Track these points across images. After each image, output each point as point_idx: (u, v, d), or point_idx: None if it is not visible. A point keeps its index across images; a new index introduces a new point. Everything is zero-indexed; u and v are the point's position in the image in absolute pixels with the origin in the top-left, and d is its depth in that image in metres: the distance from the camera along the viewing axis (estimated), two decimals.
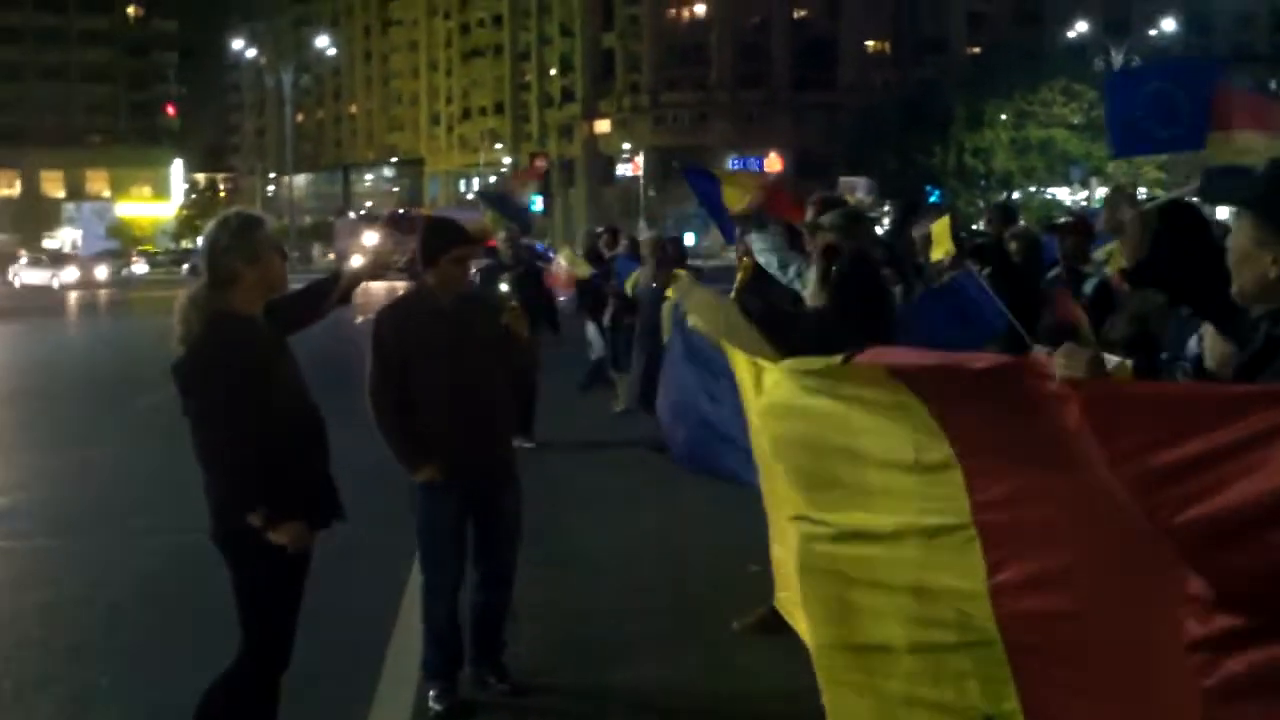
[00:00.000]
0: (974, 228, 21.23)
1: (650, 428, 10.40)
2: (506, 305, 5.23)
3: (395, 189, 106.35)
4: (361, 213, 76.62)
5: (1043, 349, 2.97)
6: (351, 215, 74.96)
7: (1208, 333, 3.20)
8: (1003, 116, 60.41)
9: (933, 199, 52.97)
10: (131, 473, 10.18)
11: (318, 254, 72.12)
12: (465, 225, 5.52)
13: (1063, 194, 59.88)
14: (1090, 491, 2.57)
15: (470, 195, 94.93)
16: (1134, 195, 3.74)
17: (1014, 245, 8.18)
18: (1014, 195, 58.20)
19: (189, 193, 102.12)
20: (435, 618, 4.97)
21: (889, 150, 61.71)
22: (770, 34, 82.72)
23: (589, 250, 14.84)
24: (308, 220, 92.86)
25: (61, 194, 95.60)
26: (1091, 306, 6.45)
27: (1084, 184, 57.51)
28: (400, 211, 62.65)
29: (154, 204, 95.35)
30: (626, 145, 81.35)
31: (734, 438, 6.24)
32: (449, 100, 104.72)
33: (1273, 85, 27.85)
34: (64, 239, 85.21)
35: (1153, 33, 61.19)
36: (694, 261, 14.59)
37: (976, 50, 77.53)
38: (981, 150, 60.94)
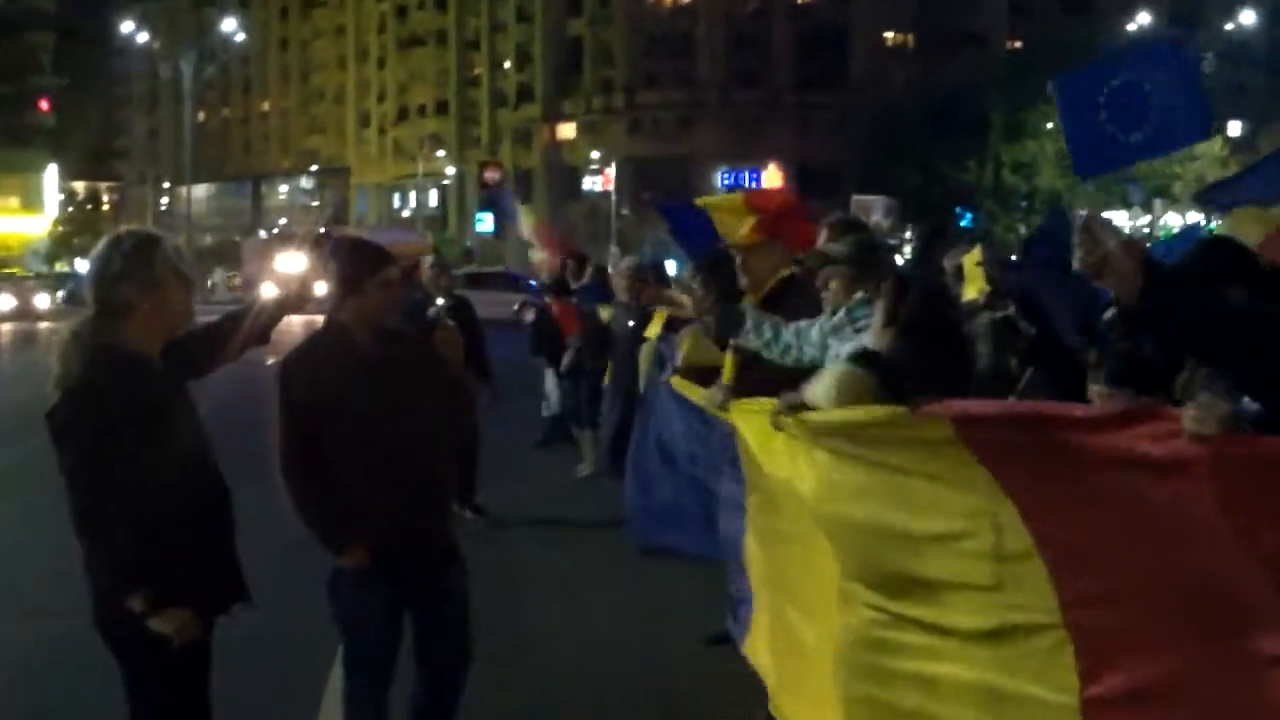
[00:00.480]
0: (1014, 259, 21.33)
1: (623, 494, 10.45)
2: (437, 320, 5.18)
3: (315, 204, 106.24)
4: (274, 231, 76.57)
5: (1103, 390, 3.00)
6: (262, 234, 74.90)
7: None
8: (1049, 125, 60.82)
9: (964, 223, 53.36)
10: None
11: (220, 280, 71.94)
12: (399, 247, 5.55)
13: (1120, 219, 60.30)
14: (1209, 578, 2.55)
15: (406, 213, 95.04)
16: (1108, 221, 3.47)
17: None
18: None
19: (65, 205, 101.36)
20: None
21: (912, 163, 62.06)
22: (769, 23, 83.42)
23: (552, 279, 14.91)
24: (209, 240, 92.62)
25: None
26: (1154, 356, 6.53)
27: (1146, 207, 57.90)
28: (324, 231, 62.63)
29: (23, 218, 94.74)
30: (595, 154, 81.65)
31: (707, 506, 6.31)
32: (381, 98, 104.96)
33: None
34: None
35: (1229, 26, 61.91)
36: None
37: (1018, 45, 78.32)
38: (1023, 165, 61.28)
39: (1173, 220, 52.24)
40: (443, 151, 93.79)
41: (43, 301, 51.30)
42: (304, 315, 5.31)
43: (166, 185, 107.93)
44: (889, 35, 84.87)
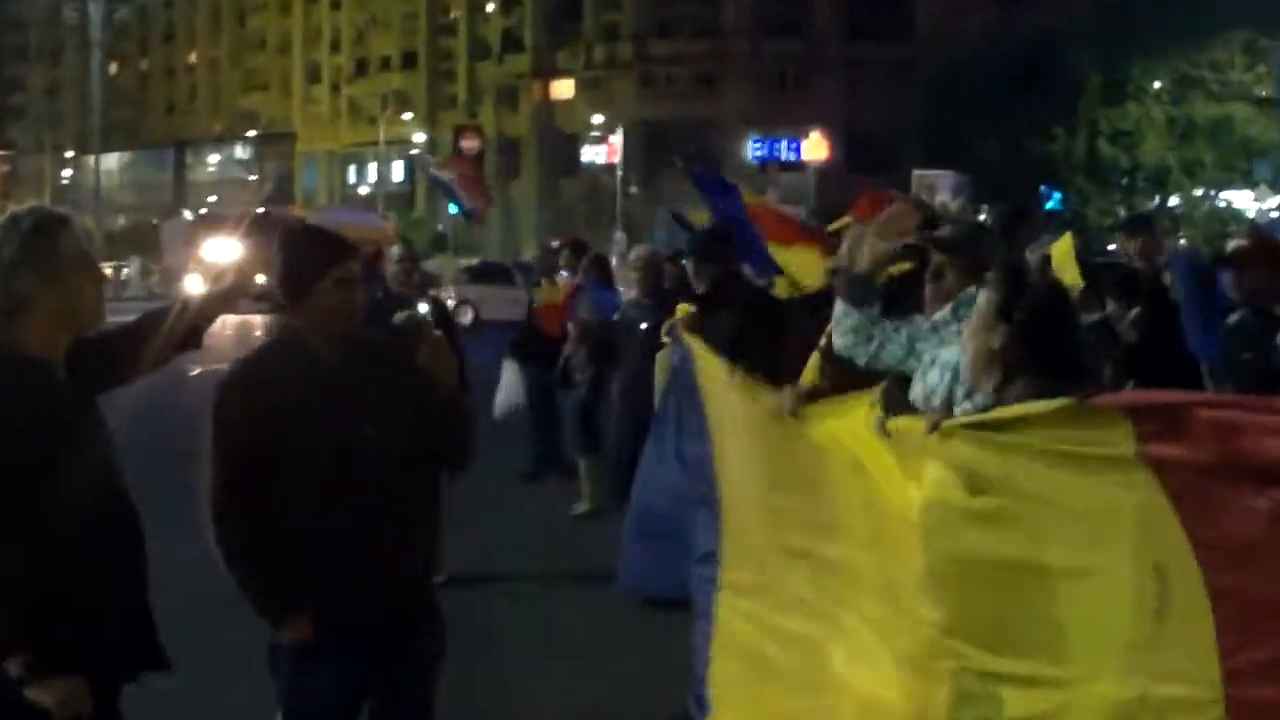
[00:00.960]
0: (1111, 248, 21.32)
1: None
2: (417, 330, 5.01)
3: (253, 177, 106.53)
4: (202, 212, 76.55)
5: None
6: (187, 215, 74.83)
7: None
8: (1155, 85, 60.87)
9: (1051, 204, 53.19)
10: None
11: (135, 272, 72.03)
12: (355, 232, 5.51)
13: (1243, 200, 60.20)
14: None
15: (365, 189, 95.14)
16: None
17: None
18: (1171, 201, 58.45)
19: None
20: None
21: (985, 131, 62.00)
22: None
23: (543, 271, 15.01)
24: (121, 222, 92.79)
25: None
26: None
27: (1276, 185, 57.75)
28: (263, 211, 62.58)
29: None
30: (598, 118, 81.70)
31: None
32: (335, 47, 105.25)
33: None
34: None
35: None
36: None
37: None
38: (1124, 134, 61.27)
39: None
40: (409, 114, 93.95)
41: None
42: (239, 314, 5.29)
43: (69, 154, 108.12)
44: None
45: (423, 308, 10.01)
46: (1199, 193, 61.60)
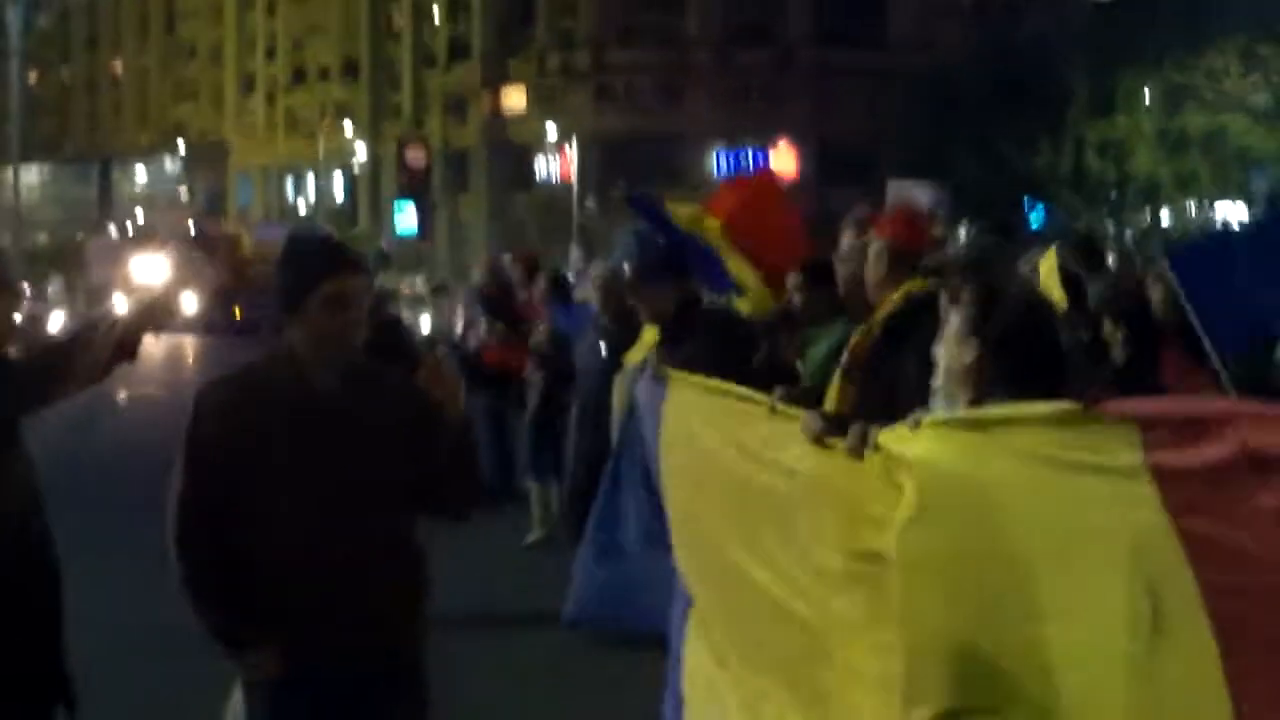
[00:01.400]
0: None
1: None
2: (425, 359, 4.94)
3: (183, 191, 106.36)
4: (129, 228, 76.50)
5: None
6: (113, 232, 74.76)
7: None
8: (1146, 94, 61.22)
9: (1034, 219, 53.51)
10: None
11: (58, 292, 71.80)
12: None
13: (1238, 214, 60.56)
14: None
15: (303, 205, 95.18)
16: None
17: (1160, 293, 8.26)
18: (1163, 215, 58.78)
19: None
20: None
21: (966, 142, 62.31)
22: None
23: (493, 290, 15.04)
24: (43, 239, 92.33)
25: None
26: None
27: (1273, 199, 58.13)
28: (195, 229, 62.63)
29: None
30: (552, 130, 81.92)
31: None
32: (271, 55, 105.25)
33: None
34: None
35: None
36: None
37: None
38: (1112, 145, 61.61)
39: None
40: (350, 126, 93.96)
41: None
42: (167, 333, 5.24)
43: None
44: None
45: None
46: (1192, 206, 61.96)
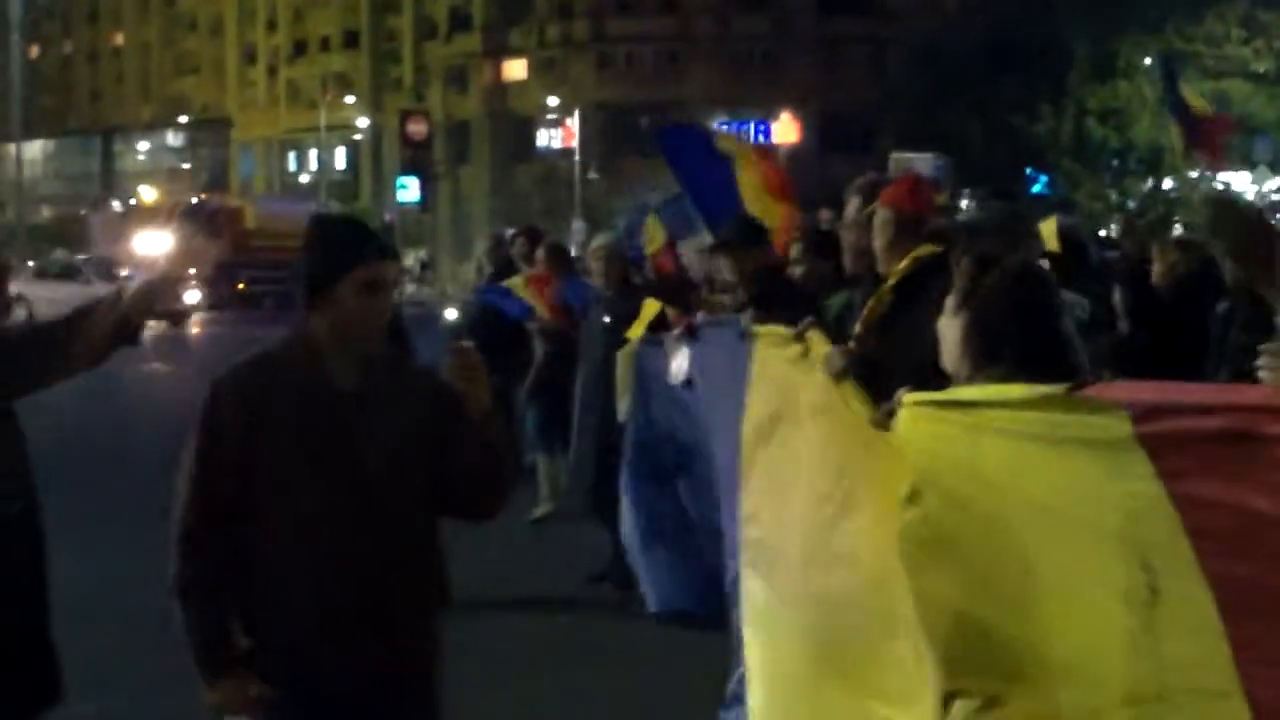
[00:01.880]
0: (1102, 234, 21.35)
1: (597, 543, 10.43)
2: (451, 347, 4.61)
3: (186, 166, 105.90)
4: (132, 202, 76.21)
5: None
6: (116, 206, 74.45)
7: None
8: (1147, 61, 60.80)
9: (1036, 188, 53.37)
10: None
11: (61, 266, 71.63)
12: (295, 223, 5.33)
13: (1241, 181, 60.16)
14: None
15: (305, 177, 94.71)
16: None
17: (1161, 264, 8.31)
18: (1166, 184, 58.46)
19: None
20: None
21: (967, 111, 62.00)
22: None
23: (496, 264, 15.08)
24: (46, 213, 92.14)
25: None
26: None
27: (1276, 166, 57.73)
28: (196, 201, 62.29)
29: None
30: (553, 101, 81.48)
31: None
32: (272, 28, 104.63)
33: None
34: None
35: None
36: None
37: None
38: (1114, 112, 61.21)
39: None
40: (352, 98, 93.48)
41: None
42: (175, 314, 5.06)
43: None
44: None
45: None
46: (1194, 174, 61.28)
